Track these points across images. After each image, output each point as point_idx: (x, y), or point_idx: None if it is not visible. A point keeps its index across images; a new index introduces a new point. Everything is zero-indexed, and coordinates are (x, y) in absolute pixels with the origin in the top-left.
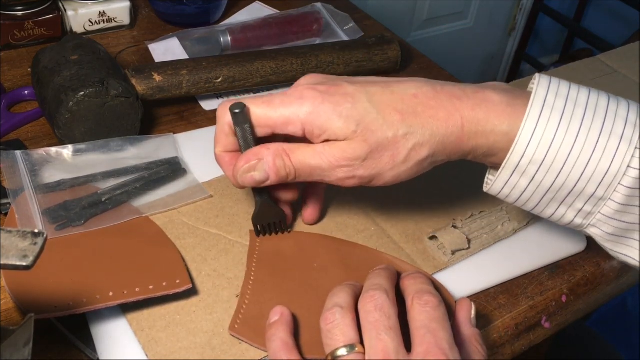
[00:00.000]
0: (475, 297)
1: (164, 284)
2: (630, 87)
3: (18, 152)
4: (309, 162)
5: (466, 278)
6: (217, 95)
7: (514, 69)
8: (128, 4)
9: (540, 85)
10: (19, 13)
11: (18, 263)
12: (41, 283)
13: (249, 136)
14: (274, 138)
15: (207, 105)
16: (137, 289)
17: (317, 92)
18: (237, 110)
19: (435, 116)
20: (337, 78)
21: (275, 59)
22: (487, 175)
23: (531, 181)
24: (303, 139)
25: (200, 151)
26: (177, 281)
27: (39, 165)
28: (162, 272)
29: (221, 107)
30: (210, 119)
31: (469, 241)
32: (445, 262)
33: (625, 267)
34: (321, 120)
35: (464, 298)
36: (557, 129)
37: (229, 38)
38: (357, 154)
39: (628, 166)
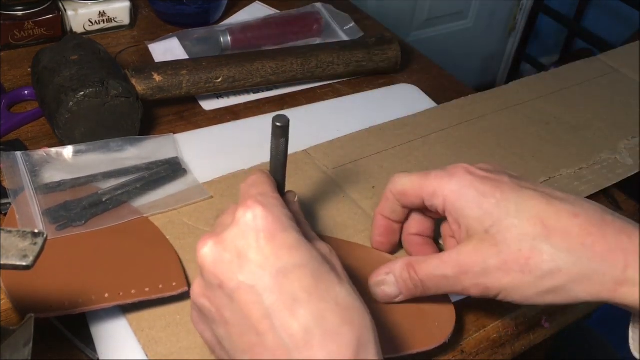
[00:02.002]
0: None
1: (160, 286)
2: (630, 87)
3: (18, 153)
4: (433, 272)
5: None
6: (217, 95)
7: (514, 69)
8: (128, 4)
9: None
10: (19, 13)
11: (18, 263)
12: (38, 283)
13: (282, 150)
14: (419, 215)
15: (207, 105)
16: (133, 291)
17: (471, 175)
18: (279, 124)
19: (590, 246)
20: (507, 173)
21: (275, 59)
22: (632, 330)
23: None
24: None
25: (200, 151)
26: (174, 284)
27: (39, 165)
28: (158, 274)
29: (396, 182)
30: (210, 119)
31: None
32: None
33: None
34: (461, 202)
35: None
36: None
37: (229, 38)
38: (481, 259)
39: None
